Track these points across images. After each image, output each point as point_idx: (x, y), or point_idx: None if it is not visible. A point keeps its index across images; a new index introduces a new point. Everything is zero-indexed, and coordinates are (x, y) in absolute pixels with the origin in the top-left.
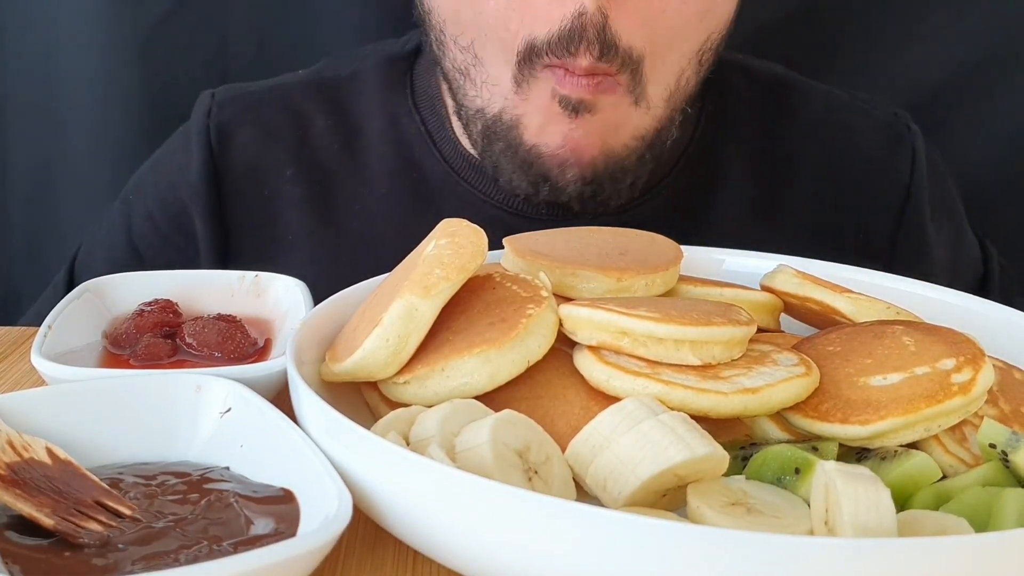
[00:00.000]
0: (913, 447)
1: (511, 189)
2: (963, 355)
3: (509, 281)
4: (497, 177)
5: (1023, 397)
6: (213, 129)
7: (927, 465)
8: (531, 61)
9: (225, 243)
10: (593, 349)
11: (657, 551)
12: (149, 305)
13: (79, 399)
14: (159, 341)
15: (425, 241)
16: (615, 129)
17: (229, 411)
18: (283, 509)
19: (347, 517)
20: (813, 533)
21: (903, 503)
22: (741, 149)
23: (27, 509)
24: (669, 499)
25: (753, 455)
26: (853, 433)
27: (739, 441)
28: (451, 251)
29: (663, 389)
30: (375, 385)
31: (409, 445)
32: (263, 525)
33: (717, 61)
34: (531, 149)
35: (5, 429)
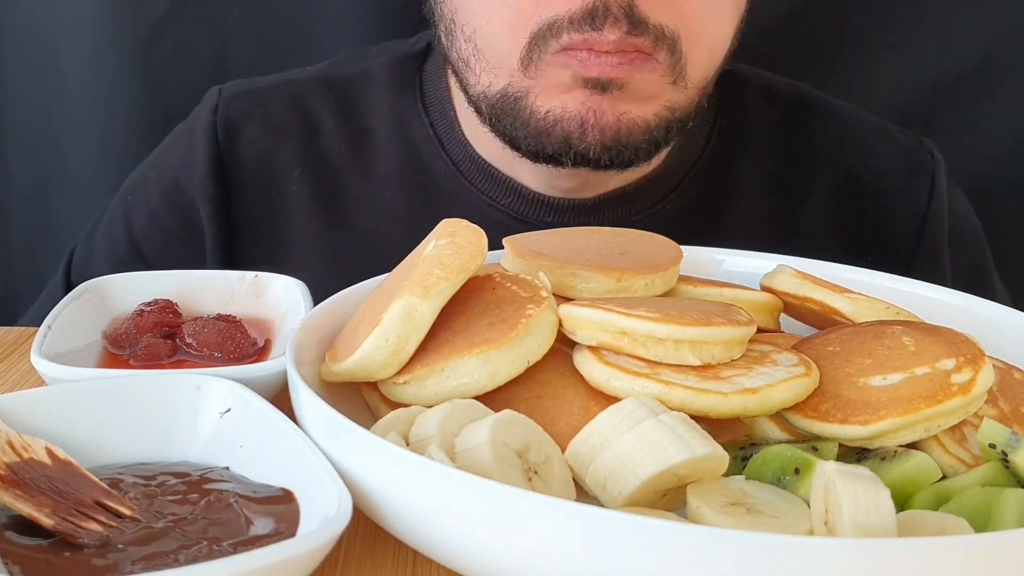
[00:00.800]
0: (913, 447)
1: (532, 156)
2: (963, 355)
3: (509, 281)
4: (516, 147)
5: (1023, 397)
6: (220, 124)
7: (927, 465)
8: (546, 42)
9: (231, 239)
10: (593, 349)
11: (657, 551)
12: (149, 305)
13: (79, 399)
14: (159, 341)
15: (425, 241)
16: (647, 99)
17: (229, 411)
18: (283, 509)
19: (347, 517)
20: (813, 533)
21: (903, 503)
22: (755, 165)
23: (27, 509)
24: (669, 499)
25: (753, 455)
26: (853, 433)
27: (739, 441)
28: (451, 251)
29: (663, 389)
30: (375, 385)
31: (409, 445)
32: (263, 525)
33: (734, 76)
34: (546, 115)
35: (5, 429)
